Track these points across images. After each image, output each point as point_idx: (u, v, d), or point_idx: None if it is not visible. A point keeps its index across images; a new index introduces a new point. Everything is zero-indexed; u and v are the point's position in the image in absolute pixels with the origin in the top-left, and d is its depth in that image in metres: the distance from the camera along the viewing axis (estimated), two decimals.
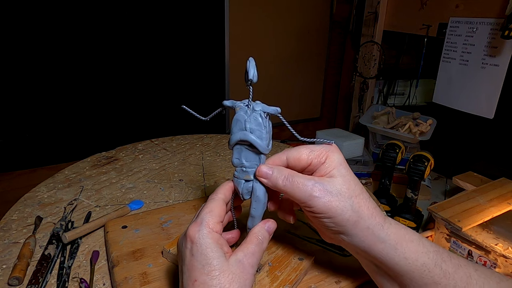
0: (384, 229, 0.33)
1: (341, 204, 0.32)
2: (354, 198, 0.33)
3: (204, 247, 0.31)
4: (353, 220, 0.32)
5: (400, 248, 0.33)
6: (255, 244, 0.33)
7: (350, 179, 0.33)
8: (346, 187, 0.33)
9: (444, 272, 0.32)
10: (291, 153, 0.36)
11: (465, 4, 1.23)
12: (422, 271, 0.32)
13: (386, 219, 0.34)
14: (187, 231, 0.32)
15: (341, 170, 0.34)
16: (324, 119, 2.04)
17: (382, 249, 0.33)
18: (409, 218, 1.10)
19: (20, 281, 0.42)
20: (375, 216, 0.33)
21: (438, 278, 0.32)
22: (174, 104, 1.45)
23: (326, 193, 0.32)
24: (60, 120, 1.26)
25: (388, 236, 0.33)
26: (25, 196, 0.62)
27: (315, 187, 0.32)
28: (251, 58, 0.34)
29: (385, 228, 0.33)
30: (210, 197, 0.36)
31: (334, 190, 0.32)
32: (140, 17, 1.30)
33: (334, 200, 0.32)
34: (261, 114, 0.35)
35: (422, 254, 0.33)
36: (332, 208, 0.32)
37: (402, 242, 0.33)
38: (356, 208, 0.32)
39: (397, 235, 0.33)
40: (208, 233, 0.32)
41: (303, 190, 0.33)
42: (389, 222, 0.34)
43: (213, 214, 0.33)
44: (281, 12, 1.63)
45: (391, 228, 0.33)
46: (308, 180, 0.33)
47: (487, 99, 1.19)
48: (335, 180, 0.33)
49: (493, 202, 0.94)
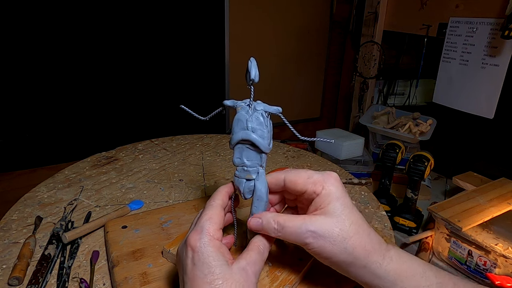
0: (382, 266, 0.32)
1: (333, 248, 0.31)
2: (348, 240, 0.31)
3: (206, 255, 0.30)
4: (348, 262, 0.32)
5: (400, 284, 0.32)
6: (257, 253, 0.33)
7: (345, 218, 0.32)
8: (339, 229, 0.31)
9: None
10: (289, 176, 0.35)
11: (465, 4, 1.23)
12: None
13: (386, 255, 0.33)
14: (188, 240, 0.32)
15: (336, 206, 0.32)
16: (324, 119, 2.04)
17: (381, 284, 0.33)
18: (409, 218, 1.10)
19: (20, 281, 0.42)
20: (372, 255, 0.32)
21: None
22: (174, 104, 1.45)
23: (318, 238, 0.31)
24: (60, 120, 1.26)
25: (386, 273, 0.32)
26: (25, 196, 0.62)
27: (307, 233, 0.32)
28: (253, 58, 0.34)
29: (383, 265, 0.32)
30: (208, 203, 0.35)
31: (327, 233, 0.31)
32: (140, 17, 1.30)
33: (327, 245, 0.31)
34: (263, 113, 0.35)
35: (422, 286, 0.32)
36: (326, 252, 0.32)
37: (402, 278, 0.32)
38: (350, 250, 0.31)
39: (397, 272, 0.32)
40: (210, 241, 0.31)
41: (296, 238, 0.32)
42: (389, 257, 0.33)
43: (213, 221, 0.33)
44: (281, 12, 1.63)
45: (391, 264, 0.33)
46: (300, 225, 0.32)
47: (487, 99, 1.19)
48: (327, 219, 0.32)
49: (493, 202, 0.94)
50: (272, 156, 0.84)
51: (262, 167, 0.37)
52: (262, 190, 0.36)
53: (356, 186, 0.71)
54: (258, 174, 0.36)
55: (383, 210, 0.63)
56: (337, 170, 0.79)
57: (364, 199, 0.67)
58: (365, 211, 0.62)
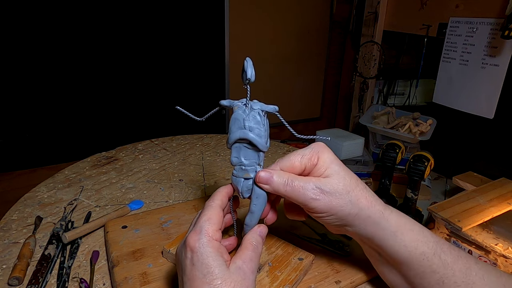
0: (384, 216, 0.34)
1: (340, 201, 0.33)
2: (352, 192, 0.34)
3: (205, 256, 0.30)
4: (354, 213, 0.34)
5: (400, 236, 0.34)
6: (251, 250, 0.33)
7: (344, 175, 0.34)
8: (342, 184, 0.34)
9: (443, 262, 0.33)
10: (283, 163, 0.36)
11: (465, 4, 1.23)
12: (421, 260, 0.33)
13: (386, 207, 0.35)
14: (187, 241, 0.32)
15: (333, 168, 0.35)
16: (324, 119, 2.04)
17: (383, 236, 0.34)
18: None
19: (20, 281, 0.42)
20: (374, 204, 0.34)
21: (437, 267, 0.33)
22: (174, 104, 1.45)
23: (324, 194, 0.33)
24: (60, 120, 1.26)
25: (388, 223, 0.34)
26: (25, 196, 0.62)
27: (314, 190, 0.33)
28: (248, 58, 0.34)
29: (385, 215, 0.34)
30: (207, 203, 0.36)
31: (332, 189, 0.33)
32: (140, 17, 1.30)
33: (333, 200, 0.33)
34: (260, 112, 0.35)
35: (421, 243, 0.34)
36: (333, 207, 0.33)
37: (402, 230, 0.34)
38: (354, 202, 0.34)
39: (397, 223, 0.34)
40: (208, 242, 0.31)
41: (303, 193, 0.33)
42: (389, 210, 0.35)
43: (212, 222, 0.33)
44: (281, 12, 1.63)
45: (392, 216, 0.35)
46: (307, 183, 0.34)
47: (487, 99, 1.19)
48: (331, 179, 0.34)
49: (493, 202, 0.94)
50: (272, 156, 0.84)
51: (260, 166, 0.37)
52: (261, 189, 0.36)
53: None
54: (256, 173, 0.36)
55: None
56: None
57: None
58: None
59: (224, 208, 0.37)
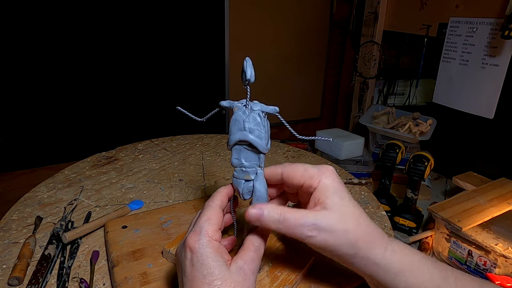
0: (385, 256, 0.32)
1: (336, 241, 0.32)
2: (350, 231, 0.32)
3: (205, 256, 0.30)
4: (351, 253, 0.32)
5: (403, 277, 0.32)
6: (253, 251, 0.33)
7: (344, 210, 0.32)
8: (341, 221, 0.32)
9: None
10: (286, 169, 0.35)
11: (465, 4, 1.23)
12: None
13: (388, 246, 0.33)
14: (186, 241, 0.32)
15: (334, 199, 0.32)
16: (324, 119, 2.04)
17: (384, 276, 0.33)
18: (409, 218, 1.10)
19: (20, 281, 0.42)
20: (373, 246, 0.32)
21: None
22: (174, 104, 1.44)
23: (319, 231, 0.31)
24: (60, 120, 1.26)
25: (390, 265, 0.32)
26: (25, 196, 0.62)
27: (308, 227, 0.31)
28: (248, 58, 0.33)
29: (386, 256, 0.32)
30: (206, 203, 0.35)
31: (328, 226, 0.31)
32: (140, 17, 1.30)
33: (329, 238, 0.31)
34: (260, 113, 0.35)
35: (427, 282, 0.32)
36: (329, 246, 0.32)
37: (405, 271, 0.32)
38: (352, 242, 0.32)
39: (401, 263, 0.32)
40: (208, 242, 0.31)
41: (297, 230, 0.32)
42: (392, 248, 0.33)
43: (212, 222, 0.33)
44: (281, 12, 1.63)
45: (394, 256, 0.33)
46: (302, 219, 0.32)
47: (487, 99, 1.19)
48: (328, 214, 0.32)
49: (493, 202, 0.94)
50: (272, 156, 0.84)
51: (261, 168, 0.37)
52: (262, 191, 0.36)
53: (356, 186, 0.71)
54: (256, 175, 0.36)
55: (383, 210, 0.63)
56: (337, 170, 0.79)
57: (364, 199, 0.67)
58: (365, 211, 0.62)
59: (224, 208, 0.37)
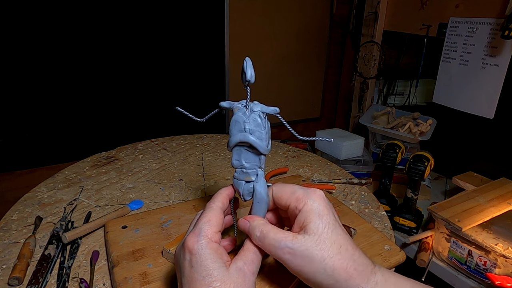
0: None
1: (311, 269, 0.30)
2: (328, 259, 0.30)
3: (204, 258, 0.30)
4: (327, 283, 0.30)
5: None
6: (253, 252, 0.33)
7: (326, 237, 0.31)
8: (319, 249, 0.30)
9: None
10: (276, 189, 0.35)
11: (465, 4, 1.23)
12: None
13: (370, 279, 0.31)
14: (185, 242, 0.31)
15: (317, 224, 0.31)
16: (324, 119, 2.04)
17: None
18: (409, 218, 1.10)
19: (20, 281, 0.42)
20: (354, 278, 0.30)
21: None
22: (174, 104, 1.45)
23: (295, 256, 0.31)
24: (60, 120, 1.26)
25: None
26: (25, 196, 0.62)
27: (285, 249, 0.31)
28: (248, 58, 0.33)
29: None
30: (207, 205, 0.35)
31: (305, 253, 0.30)
32: (140, 17, 1.29)
33: (304, 264, 0.30)
34: (260, 114, 0.34)
35: None
36: (303, 272, 0.31)
37: None
38: (329, 272, 0.30)
39: None
40: (207, 244, 0.31)
41: (275, 253, 0.32)
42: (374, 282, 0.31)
43: (212, 224, 0.33)
44: (281, 12, 1.63)
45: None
46: (279, 241, 0.31)
47: (487, 99, 1.19)
48: (308, 239, 0.31)
49: (493, 202, 0.94)
50: (272, 156, 0.84)
51: (261, 169, 0.36)
52: (262, 192, 0.36)
53: (356, 186, 0.71)
54: (257, 176, 0.36)
55: (383, 210, 0.63)
56: (337, 170, 0.79)
57: (364, 199, 0.67)
58: (365, 211, 0.62)
59: (225, 210, 0.36)
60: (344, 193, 0.68)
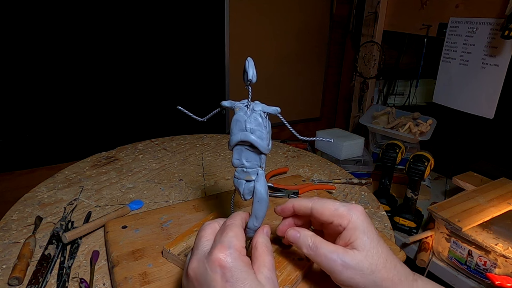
0: None
1: (362, 280, 0.32)
2: (377, 273, 0.33)
3: (239, 270, 0.30)
4: None
5: None
6: (268, 254, 0.34)
7: (373, 252, 0.33)
8: (369, 263, 0.33)
9: None
10: (316, 204, 0.36)
11: (465, 4, 1.23)
12: None
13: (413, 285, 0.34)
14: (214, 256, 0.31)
15: (363, 240, 0.33)
16: (324, 119, 2.04)
17: None
18: (409, 218, 1.10)
19: (20, 281, 0.42)
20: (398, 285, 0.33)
21: None
22: (174, 104, 1.45)
23: (347, 268, 0.33)
24: (60, 120, 1.26)
25: None
26: (25, 196, 0.62)
27: (337, 261, 0.33)
28: (250, 58, 0.33)
29: None
30: (228, 222, 0.35)
31: (357, 265, 0.32)
32: (140, 17, 1.29)
33: (356, 277, 0.32)
34: (261, 114, 0.34)
35: None
36: (353, 284, 0.33)
37: None
38: (378, 283, 0.33)
39: None
40: (239, 257, 0.31)
41: (326, 263, 0.33)
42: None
43: (239, 239, 0.33)
44: (281, 12, 1.63)
45: None
46: (331, 253, 0.33)
47: (487, 99, 1.19)
48: (357, 254, 0.33)
49: (493, 202, 0.94)
50: (272, 156, 0.84)
51: (262, 168, 0.36)
52: (262, 191, 0.36)
53: (356, 186, 0.71)
54: (257, 175, 0.36)
55: (383, 210, 0.63)
56: (337, 170, 0.79)
57: (364, 199, 0.67)
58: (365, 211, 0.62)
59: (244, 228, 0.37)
60: (344, 193, 0.68)
